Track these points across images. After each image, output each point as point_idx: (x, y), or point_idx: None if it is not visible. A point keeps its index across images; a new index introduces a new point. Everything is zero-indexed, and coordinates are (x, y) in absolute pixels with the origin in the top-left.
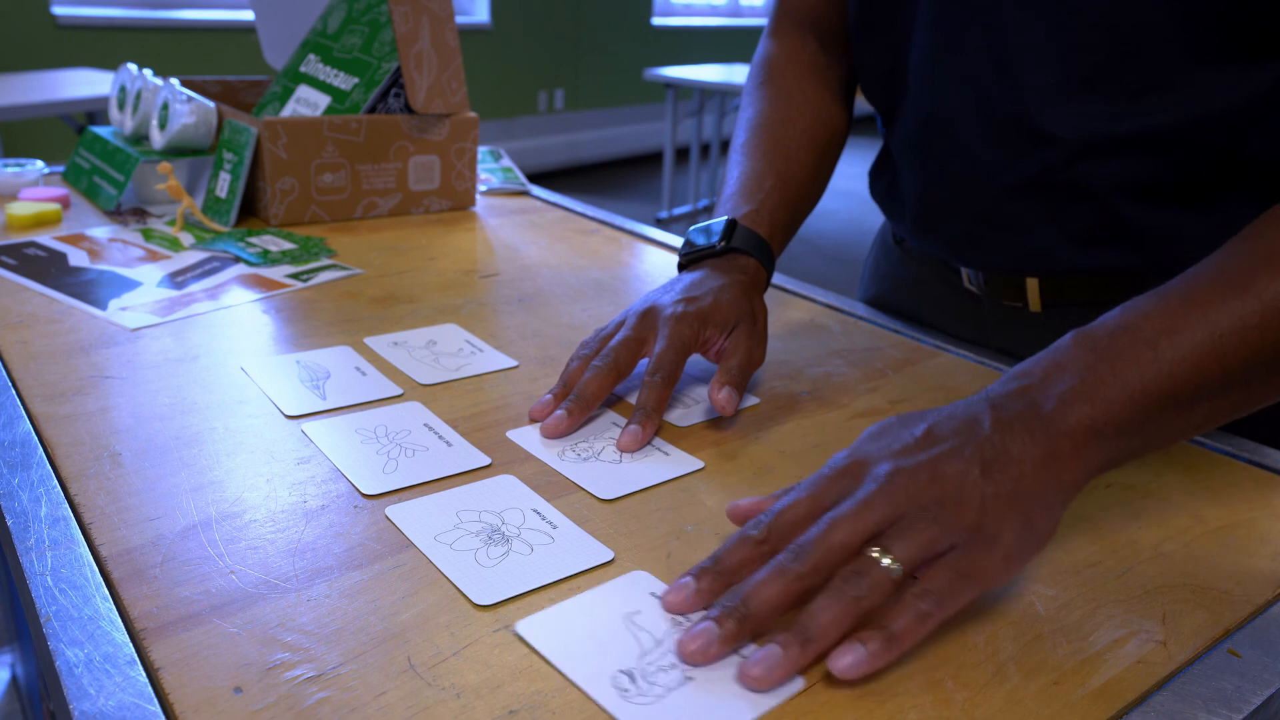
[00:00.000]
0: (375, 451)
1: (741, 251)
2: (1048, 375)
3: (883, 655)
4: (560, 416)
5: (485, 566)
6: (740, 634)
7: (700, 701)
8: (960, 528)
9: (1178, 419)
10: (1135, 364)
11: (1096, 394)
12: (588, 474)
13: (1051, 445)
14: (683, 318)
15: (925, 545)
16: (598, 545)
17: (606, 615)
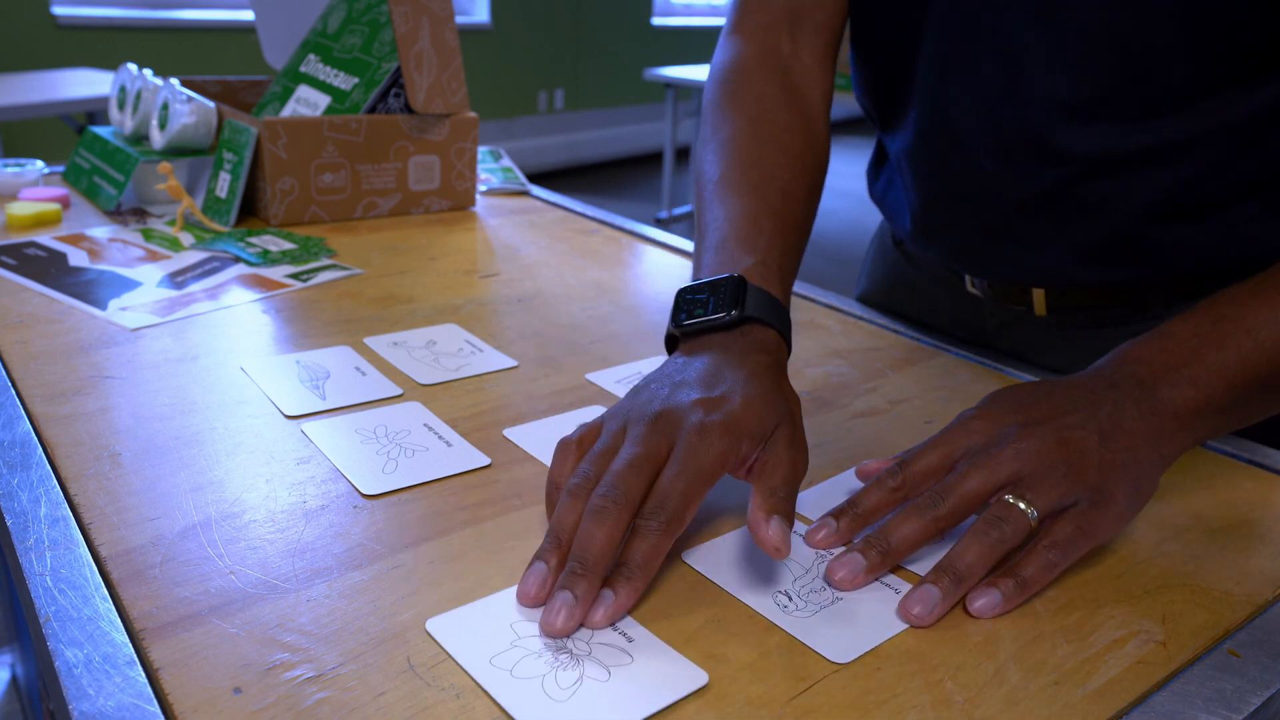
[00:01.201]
0: (375, 451)
1: (759, 322)
2: (1156, 358)
3: (1014, 598)
4: (567, 601)
5: (556, 700)
6: (883, 565)
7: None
8: (1084, 487)
9: (1268, 401)
10: (1237, 351)
11: (1200, 378)
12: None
13: (1159, 423)
14: (708, 429)
15: (1057, 498)
16: (686, 664)
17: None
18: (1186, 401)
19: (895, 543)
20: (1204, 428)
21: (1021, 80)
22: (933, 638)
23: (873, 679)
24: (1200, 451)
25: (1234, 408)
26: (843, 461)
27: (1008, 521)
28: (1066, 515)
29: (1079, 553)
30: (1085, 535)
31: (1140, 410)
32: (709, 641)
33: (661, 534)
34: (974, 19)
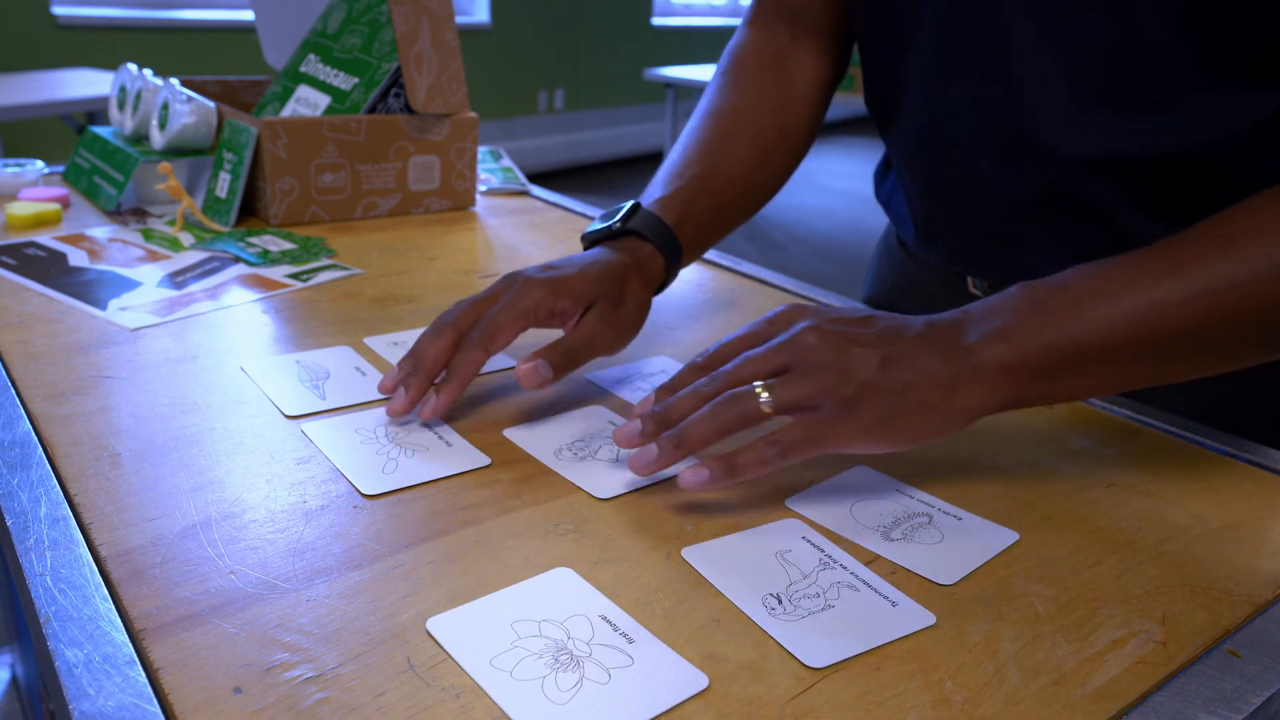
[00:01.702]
0: (375, 451)
1: (637, 235)
2: (984, 314)
3: (721, 479)
4: (399, 395)
5: (556, 703)
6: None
7: None
8: (834, 395)
9: (1087, 375)
10: (1060, 317)
11: (1016, 337)
12: (584, 473)
13: (958, 370)
14: (534, 282)
15: (799, 397)
16: (686, 667)
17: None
18: (995, 355)
19: (674, 419)
20: (1014, 388)
21: (1016, 79)
22: (933, 638)
23: (873, 679)
24: (1200, 451)
25: (1050, 375)
26: (843, 461)
27: (741, 403)
28: (802, 419)
29: (799, 454)
30: (810, 441)
31: (945, 354)
32: (709, 641)
33: (478, 348)
34: (969, 20)
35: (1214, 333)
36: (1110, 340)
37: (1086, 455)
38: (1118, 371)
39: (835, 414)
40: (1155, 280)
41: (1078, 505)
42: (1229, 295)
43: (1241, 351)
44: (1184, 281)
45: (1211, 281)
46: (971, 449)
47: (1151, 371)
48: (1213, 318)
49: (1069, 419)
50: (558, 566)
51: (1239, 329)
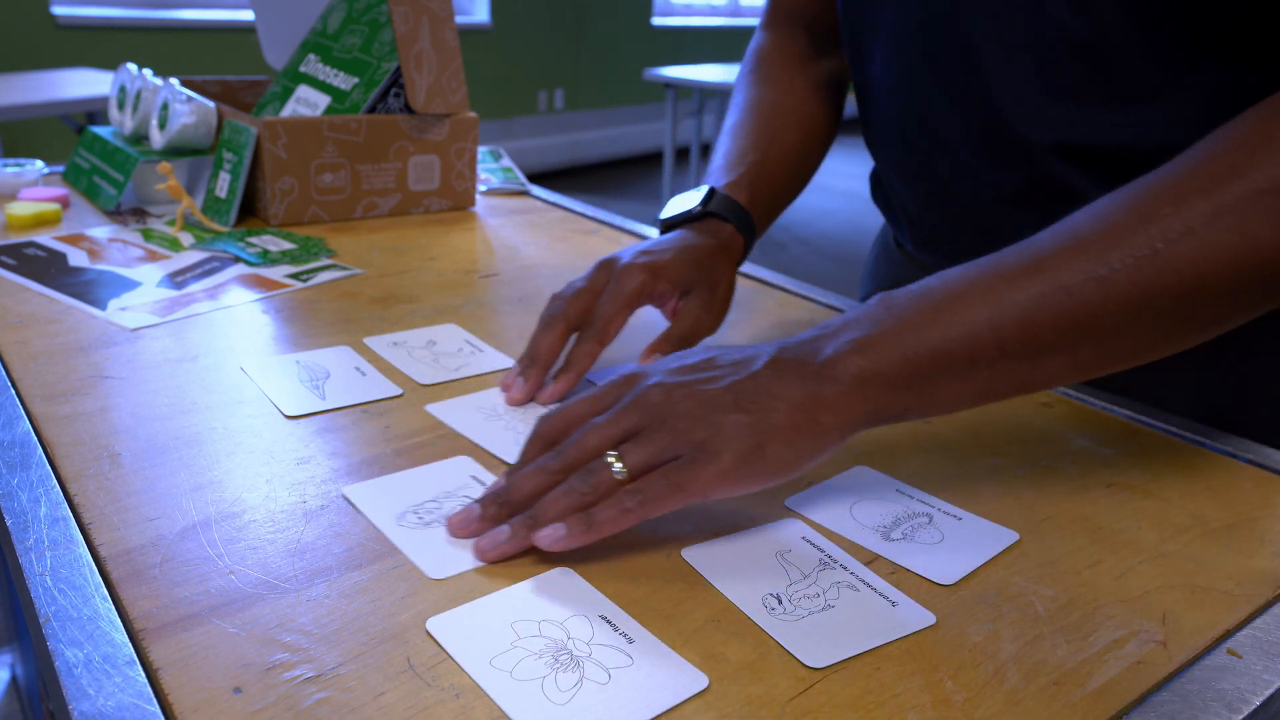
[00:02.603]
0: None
1: (718, 217)
2: (840, 328)
3: (580, 536)
4: (518, 383)
5: (556, 703)
6: (500, 516)
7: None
8: (688, 442)
9: (955, 383)
10: (917, 326)
11: (871, 348)
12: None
13: (817, 389)
14: (633, 268)
15: (654, 454)
16: (686, 667)
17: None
18: (850, 369)
19: (518, 500)
20: (873, 401)
21: (984, 76)
22: (933, 638)
23: (873, 679)
24: (1200, 451)
25: (910, 385)
26: (843, 461)
27: (594, 475)
28: (661, 469)
29: (664, 505)
30: (674, 489)
31: (800, 375)
32: (709, 641)
33: (594, 341)
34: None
35: (1079, 330)
36: (977, 345)
37: (1086, 455)
38: (993, 376)
39: (695, 459)
40: (1013, 282)
41: (1078, 505)
42: (1086, 290)
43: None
44: (1042, 281)
45: (1067, 279)
46: (971, 449)
47: (1029, 373)
48: (1077, 315)
49: (1069, 419)
50: (558, 566)
51: (1103, 325)
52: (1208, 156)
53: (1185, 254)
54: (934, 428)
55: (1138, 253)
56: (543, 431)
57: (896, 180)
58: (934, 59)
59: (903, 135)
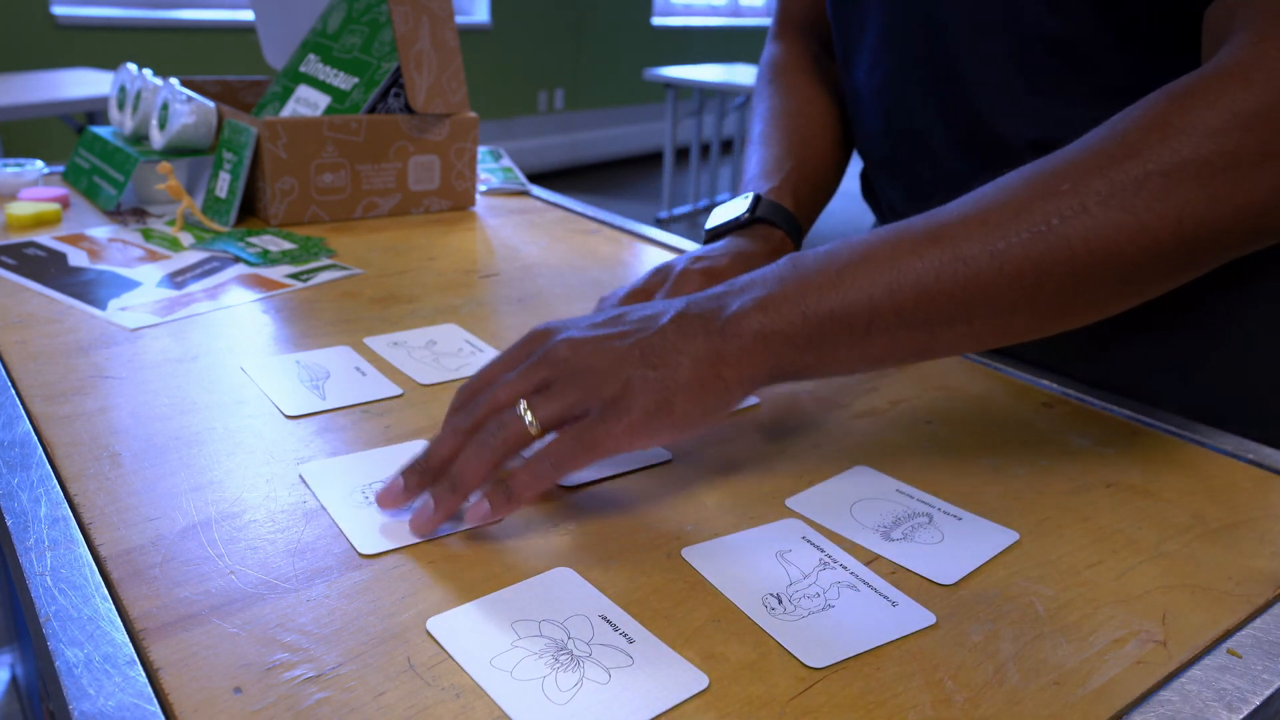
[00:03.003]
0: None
1: (767, 222)
2: (747, 286)
3: (503, 507)
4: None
5: (556, 703)
6: (423, 483)
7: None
8: (598, 398)
9: (854, 346)
10: (819, 288)
11: (773, 306)
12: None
13: (721, 345)
14: (690, 273)
15: (564, 408)
16: (686, 667)
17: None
18: (752, 326)
19: (434, 463)
20: (774, 358)
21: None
22: (933, 638)
23: (873, 679)
24: (1200, 451)
25: (810, 345)
26: (842, 462)
27: (504, 428)
28: (571, 428)
29: (576, 464)
30: (585, 447)
31: (705, 331)
32: (709, 641)
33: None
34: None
35: (975, 301)
36: (875, 309)
37: (1086, 455)
38: (891, 341)
39: (603, 415)
40: (915, 250)
41: (1078, 505)
42: (981, 261)
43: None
44: (937, 252)
45: (965, 250)
46: (971, 449)
47: (927, 340)
48: (972, 286)
49: (1069, 419)
50: (558, 566)
51: (999, 297)
52: (1108, 137)
53: (1078, 231)
54: (934, 428)
55: (1033, 228)
56: (459, 399)
57: (883, 178)
58: (915, 61)
59: (888, 136)
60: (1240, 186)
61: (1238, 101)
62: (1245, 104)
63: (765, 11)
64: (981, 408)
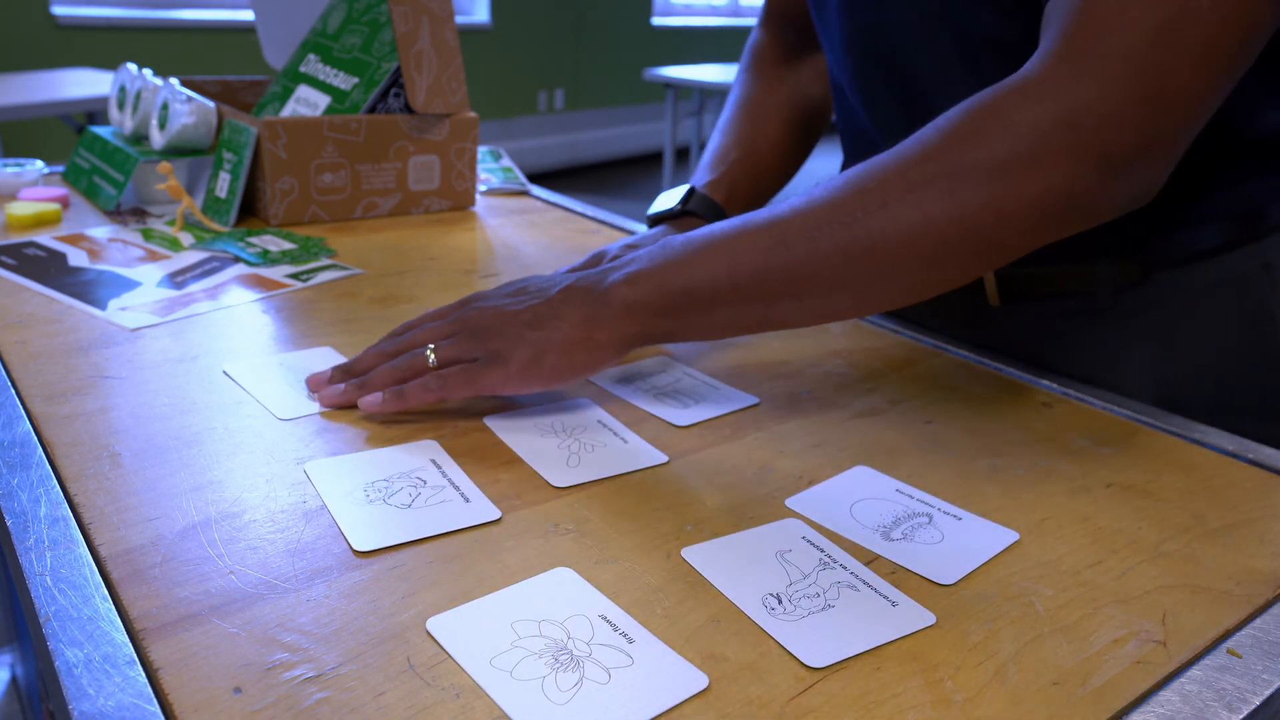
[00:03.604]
0: (556, 445)
1: (695, 215)
2: (627, 262)
3: (392, 403)
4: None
5: (556, 703)
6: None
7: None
8: (485, 348)
9: (703, 315)
10: (675, 266)
11: (639, 280)
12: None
13: (594, 312)
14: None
15: (459, 352)
16: (686, 667)
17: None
18: (621, 295)
19: (359, 370)
20: (640, 323)
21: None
22: (933, 638)
23: (873, 679)
24: (1200, 451)
25: (668, 314)
26: (843, 461)
27: (413, 360)
28: (463, 365)
29: (458, 389)
30: (468, 381)
31: (584, 299)
32: (709, 641)
33: None
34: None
35: (800, 281)
36: (717, 285)
37: (1086, 455)
38: (733, 313)
39: (489, 362)
40: (752, 236)
41: (1078, 505)
42: (801, 247)
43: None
44: (769, 239)
45: (790, 236)
46: (971, 449)
47: (764, 314)
48: (795, 268)
49: (1069, 419)
50: (558, 566)
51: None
52: (915, 141)
53: (877, 224)
54: (934, 428)
55: (842, 219)
56: (394, 330)
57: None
58: (874, 62)
59: (857, 131)
60: (1013, 189)
61: (1020, 116)
62: (1022, 117)
63: None
64: (981, 408)
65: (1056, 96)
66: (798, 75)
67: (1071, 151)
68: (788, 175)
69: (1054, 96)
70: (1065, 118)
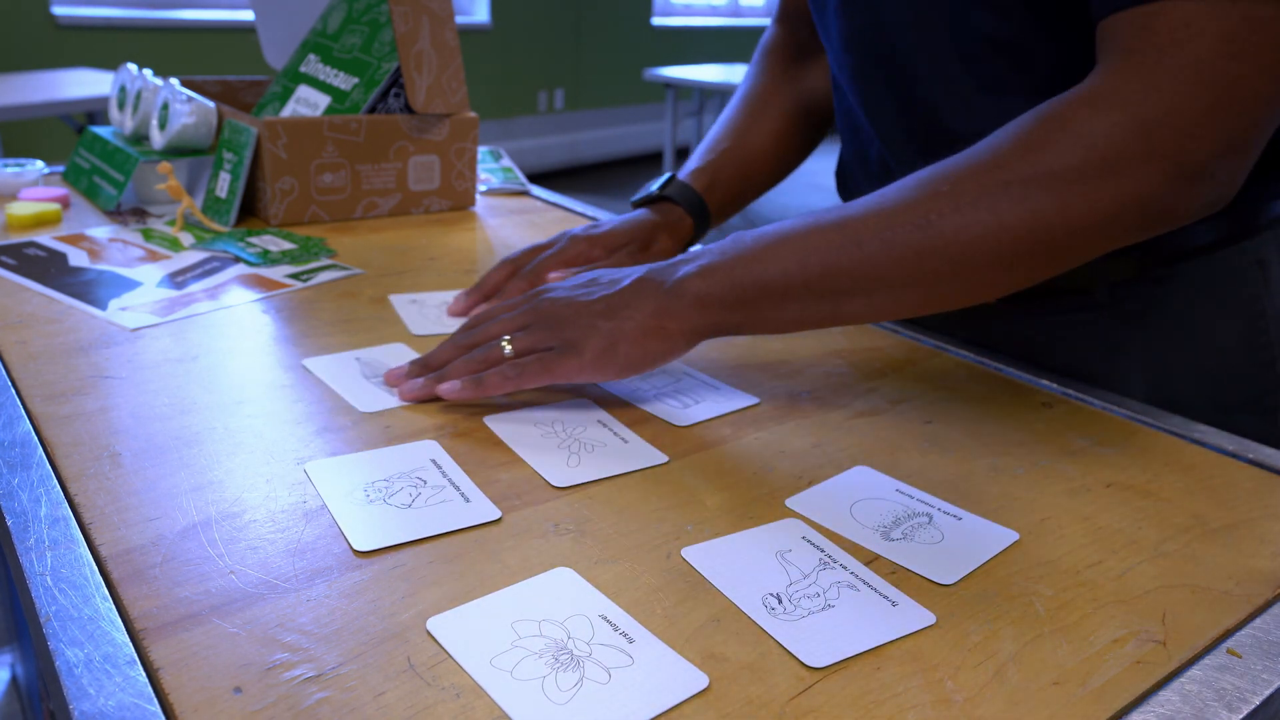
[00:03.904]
0: (557, 445)
1: (670, 200)
2: (698, 255)
3: (469, 390)
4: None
5: (556, 703)
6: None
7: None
8: (561, 338)
9: (774, 310)
10: (747, 260)
11: (710, 274)
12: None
13: (666, 304)
14: (578, 239)
15: (534, 343)
16: (686, 667)
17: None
18: (692, 288)
19: (435, 364)
20: (710, 316)
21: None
22: (933, 638)
23: (873, 679)
24: (1200, 451)
25: (738, 308)
26: (843, 461)
27: (487, 350)
28: (538, 354)
29: (535, 378)
30: (544, 370)
31: (655, 291)
32: (709, 641)
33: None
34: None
35: (870, 279)
36: (789, 280)
37: (1086, 455)
38: (804, 308)
39: (564, 351)
40: (823, 234)
41: (1078, 505)
42: (873, 247)
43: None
44: (841, 237)
45: (862, 236)
46: (971, 449)
47: (833, 309)
48: (866, 266)
49: (1069, 419)
50: (558, 566)
51: (890, 277)
52: (985, 148)
53: (950, 227)
54: (934, 428)
55: (916, 221)
56: (470, 322)
57: (858, 172)
58: (874, 62)
59: (856, 130)
60: (1087, 196)
61: (1088, 126)
62: (1094, 128)
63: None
64: (981, 408)
65: (1128, 107)
66: (807, 73)
67: (1147, 160)
68: (782, 170)
69: (1125, 107)
70: (1138, 128)
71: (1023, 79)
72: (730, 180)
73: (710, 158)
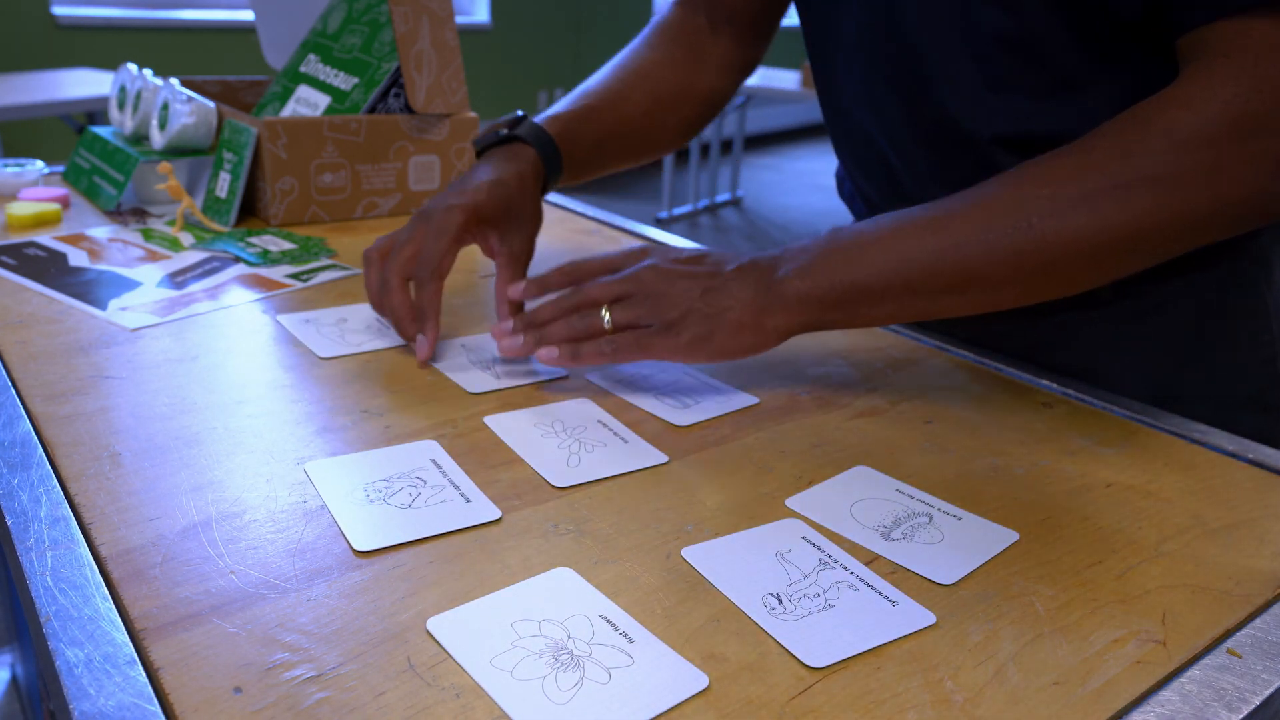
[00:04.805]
0: (557, 445)
1: (523, 141)
2: (795, 254)
3: (566, 360)
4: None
5: (556, 703)
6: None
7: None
8: (661, 317)
9: (871, 309)
10: (847, 261)
11: (811, 274)
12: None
13: (765, 298)
14: (454, 209)
15: (633, 318)
16: (686, 667)
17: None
18: (793, 287)
19: (537, 322)
20: (808, 313)
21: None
22: (933, 638)
23: (873, 679)
24: (1200, 451)
25: (836, 306)
26: (843, 461)
27: (588, 319)
28: (636, 331)
29: (630, 355)
30: (640, 347)
31: (757, 285)
32: (709, 641)
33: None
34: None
35: (967, 279)
36: (888, 281)
37: (1086, 455)
38: (900, 306)
39: (661, 331)
40: (918, 235)
41: (1078, 505)
42: (972, 248)
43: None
44: (940, 238)
45: (960, 238)
46: (971, 449)
47: (928, 306)
48: (964, 267)
49: (1069, 419)
50: (558, 566)
51: (986, 276)
52: (1084, 148)
53: (1052, 229)
54: (934, 428)
55: (1016, 223)
56: (568, 269)
57: (858, 175)
58: (883, 64)
59: (862, 134)
60: (1185, 198)
61: (1183, 127)
62: (1189, 129)
63: None
64: (981, 408)
65: (1225, 109)
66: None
67: (1249, 161)
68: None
69: (1221, 110)
70: (1236, 131)
71: (1037, 79)
72: (587, 137)
73: (567, 108)
